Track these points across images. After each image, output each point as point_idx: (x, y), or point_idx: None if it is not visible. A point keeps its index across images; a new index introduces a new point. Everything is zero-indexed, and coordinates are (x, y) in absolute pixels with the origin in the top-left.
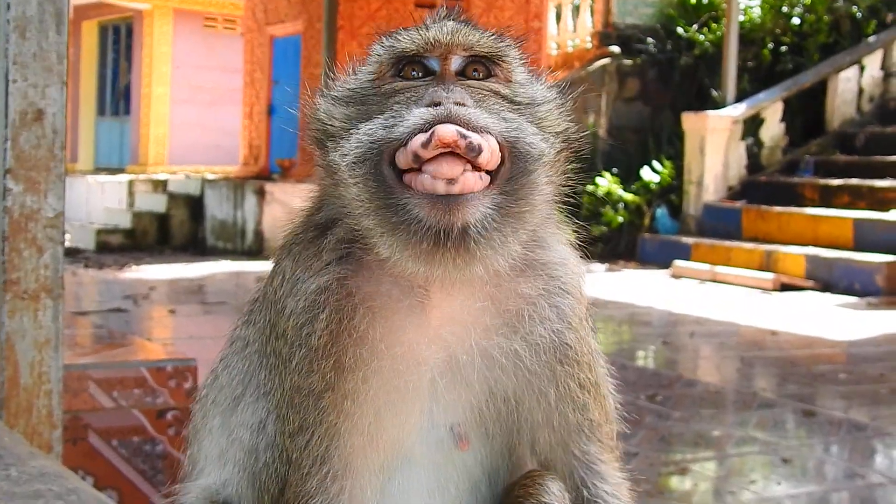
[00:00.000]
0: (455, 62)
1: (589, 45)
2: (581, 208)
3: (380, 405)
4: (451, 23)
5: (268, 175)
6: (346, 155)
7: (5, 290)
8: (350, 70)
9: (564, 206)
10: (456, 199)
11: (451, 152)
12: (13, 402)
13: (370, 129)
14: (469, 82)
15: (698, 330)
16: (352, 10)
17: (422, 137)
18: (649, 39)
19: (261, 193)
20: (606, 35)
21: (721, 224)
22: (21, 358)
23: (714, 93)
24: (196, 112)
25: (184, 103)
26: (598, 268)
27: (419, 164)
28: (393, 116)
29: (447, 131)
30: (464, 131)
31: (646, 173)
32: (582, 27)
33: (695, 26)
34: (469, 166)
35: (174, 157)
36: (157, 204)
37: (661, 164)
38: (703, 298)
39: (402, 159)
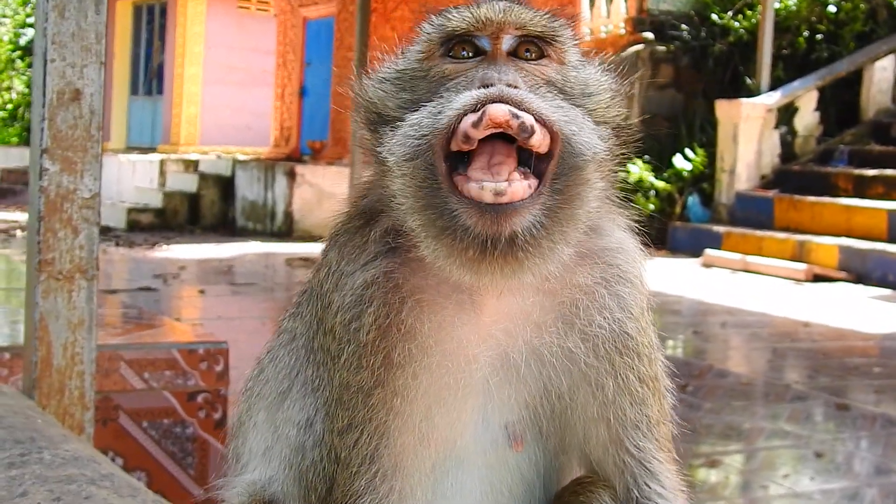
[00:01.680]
0: (507, 42)
1: (622, 31)
2: (648, 199)
3: (430, 403)
4: (503, 1)
5: (298, 157)
6: (393, 149)
7: (40, 270)
8: (398, 50)
9: (622, 192)
10: (504, 207)
11: (500, 141)
12: (45, 383)
13: (417, 119)
14: (521, 63)
15: (729, 320)
16: None
17: (472, 117)
18: (683, 26)
19: (291, 175)
20: (640, 21)
21: (753, 213)
22: (54, 339)
23: (748, 80)
24: (228, 93)
25: (216, 84)
26: None
27: (470, 146)
28: (441, 103)
29: (499, 109)
30: (516, 111)
31: (678, 161)
32: (615, 13)
33: (729, 13)
34: (516, 175)
35: (205, 138)
36: (188, 184)
37: (694, 151)
38: (735, 288)
39: (454, 144)
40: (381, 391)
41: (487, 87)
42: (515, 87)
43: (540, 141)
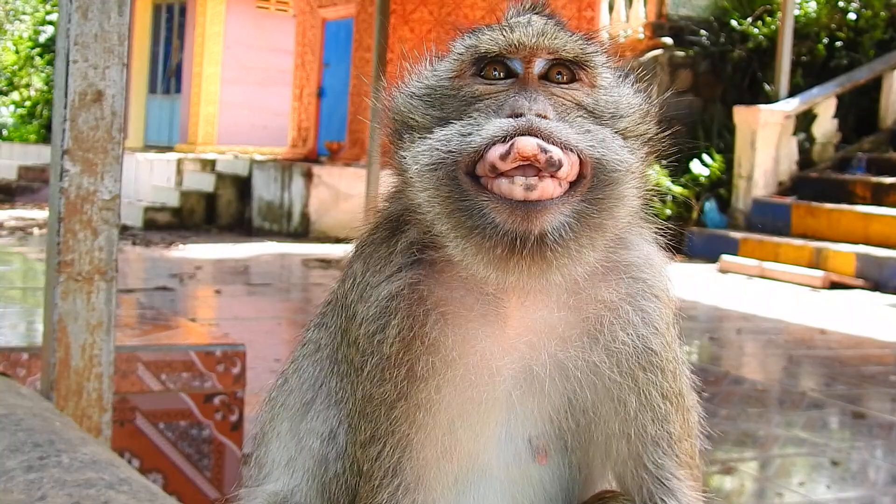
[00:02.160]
0: (538, 65)
1: (641, 36)
2: (664, 204)
3: (454, 416)
4: (536, 22)
5: (316, 157)
6: (418, 158)
7: (59, 271)
8: (427, 64)
9: (649, 205)
10: (534, 205)
11: (529, 165)
12: (63, 385)
13: (446, 136)
14: (552, 88)
15: (745, 326)
16: None
17: (501, 149)
18: (702, 31)
19: (308, 176)
20: (659, 26)
21: (770, 219)
22: (73, 340)
23: (767, 87)
24: (246, 92)
25: (234, 83)
26: None
27: (496, 174)
28: (471, 125)
29: (528, 144)
30: (545, 145)
31: (695, 166)
32: (635, 17)
33: (749, 19)
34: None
35: (223, 137)
36: (205, 183)
37: (711, 157)
38: (751, 294)
39: (480, 169)
40: (405, 404)
41: (518, 115)
42: (545, 116)
43: (567, 172)
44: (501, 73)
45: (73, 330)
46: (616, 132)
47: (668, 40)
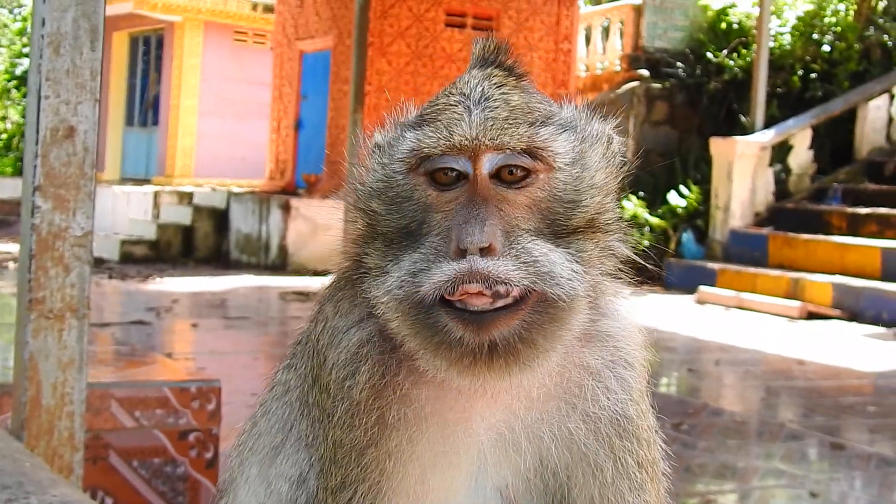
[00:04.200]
0: (487, 163)
1: (618, 68)
2: (642, 235)
3: (426, 467)
4: (484, 111)
5: (293, 190)
6: (381, 297)
7: (30, 309)
8: (380, 145)
9: (627, 272)
10: (485, 317)
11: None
12: (34, 424)
13: (399, 277)
14: (503, 192)
15: (724, 357)
16: (382, 27)
17: (447, 292)
18: (678, 63)
19: (286, 208)
20: (636, 58)
21: (747, 250)
22: (44, 378)
23: (743, 118)
24: (223, 125)
25: (211, 116)
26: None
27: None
28: (421, 262)
29: (471, 289)
30: (488, 286)
31: (672, 197)
32: (611, 49)
33: (724, 51)
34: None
35: (200, 170)
36: (183, 216)
37: (688, 188)
38: (729, 325)
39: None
40: (375, 451)
41: (462, 254)
42: (490, 247)
43: (515, 297)
44: (452, 174)
45: (45, 368)
46: (575, 229)
47: (645, 72)
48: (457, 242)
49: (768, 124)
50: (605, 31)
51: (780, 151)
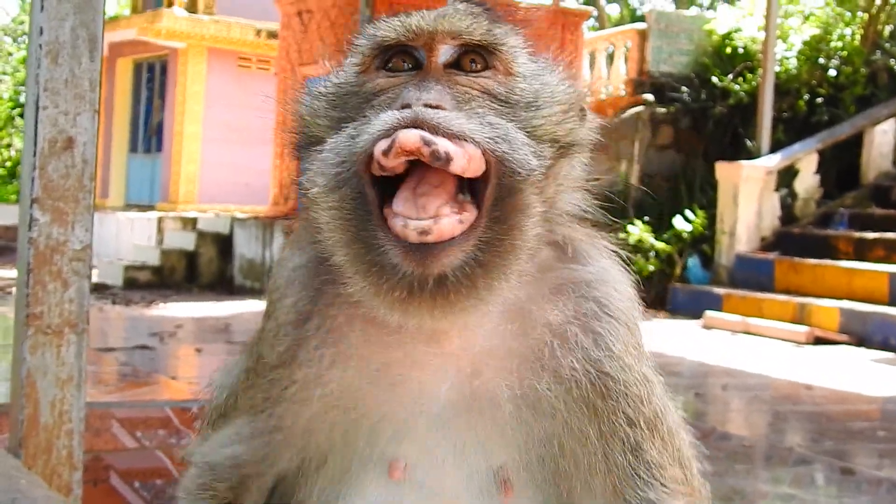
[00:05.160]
0: (444, 53)
1: (622, 93)
2: (647, 261)
3: (345, 400)
4: (442, 10)
5: (297, 215)
6: (316, 178)
7: (28, 324)
8: (337, 62)
9: (600, 208)
10: (430, 247)
11: (431, 169)
12: (32, 442)
13: (334, 145)
14: (458, 77)
15: (731, 382)
16: None
17: (383, 144)
18: (683, 88)
19: (290, 233)
20: (640, 83)
21: (754, 275)
22: (42, 395)
23: (748, 143)
24: (227, 151)
25: (215, 142)
26: None
27: (391, 172)
28: (360, 125)
29: (408, 137)
30: (429, 137)
31: (678, 222)
32: (616, 74)
33: (730, 76)
34: (445, 209)
35: (204, 196)
36: (186, 241)
37: (694, 213)
38: (736, 350)
39: (375, 170)
40: (284, 371)
41: (406, 107)
42: (438, 106)
43: (464, 166)
44: (410, 65)
45: (43, 385)
46: (529, 128)
47: (650, 97)
48: (402, 100)
49: (774, 149)
50: (610, 56)
51: (787, 176)
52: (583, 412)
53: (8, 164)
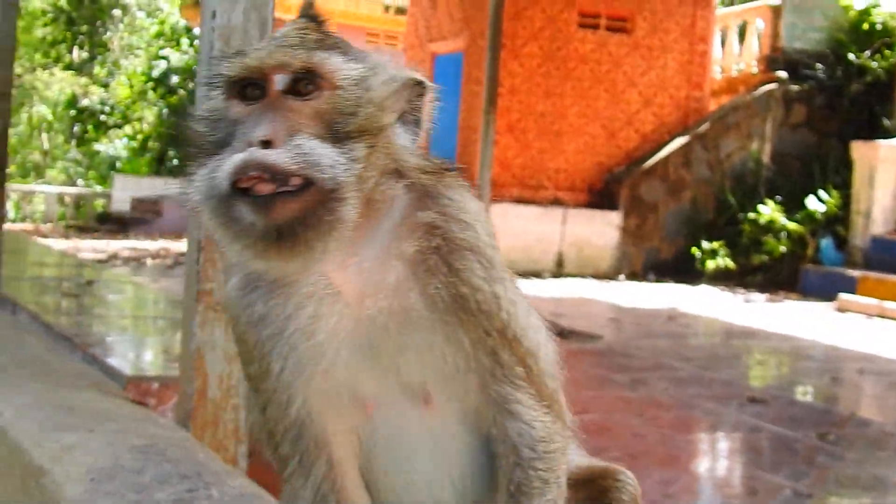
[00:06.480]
0: (279, 82)
1: (755, 70)
2: (741, 236)
3: (302, 371)
4: (274, 42)
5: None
6: (194, 195)
7: (198, 300)
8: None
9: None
10: (268, 200)
11: None
12: (200, 415)
13: (204, 174)
14: (293, 103)
15: (868, 367)
16: (515, 28)
17: (234, 178)
18: (818, 65)
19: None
20: (773, 60)
21: (889, 258)
22: (210, 370)
23: (885, 122)
24: None
25: None
26: (758, 297)
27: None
28: (222, 158)
29: (252, 175)
30: (262, 174)
31: (811, 202)
32: (748, 51)
33: (867, 53)
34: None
35: None
36: None
37: (828, 193)
38: (872, 334)
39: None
40: (266, 373)
41: (249, 146)
42: (270, 140)
43: (296, 185)
44: (259, 92)
45: (211, 359)
46: (350, 130)
47: (783, 74)
48: (246, 138)
49: None
50: (742, 32)
51: None
52: (454, 323)
53: (139, 137)
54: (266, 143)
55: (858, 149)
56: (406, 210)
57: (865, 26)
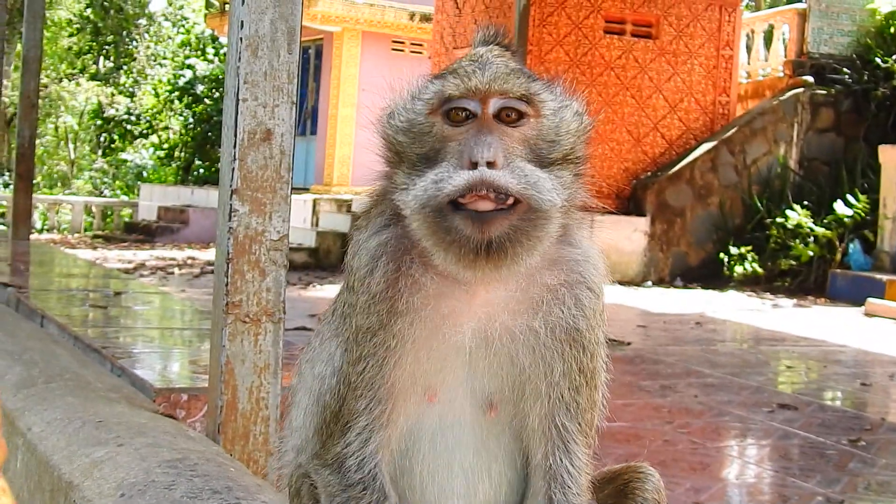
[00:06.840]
0: (493, 105)
1: (781, 74)
2: (769, 240)
3: (420, 349)
4: (491, 66)
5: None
6: (409, 204)
7: (227, 312)
8: (408, 97)
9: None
10: (487, 215)
11: None
12: (230, 428)
13: (424, 186)
14: (504, 127)
15: None
16: (541, 35)
17: (461, 194)
18: (845, 69)
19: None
20: (800, 64)
21: None
22: (240, 382)
23: None
24: None
25: (369, 126)
26: (786, 302)
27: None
28: (442, 173)
29: (481, 193)
30: (492, 191)
31: (839, 207)
32: (774, 56)
33: (894, 57)
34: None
35: (357, 179)
36: (341, 224)
37: (856, 197)
38: None
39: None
40: (384, 333)
41: (474, 165)
42: (494, 162)
43: (510, 203)
44: (463, 115)
45: (241, 372)
46: (553, 161)
47: (810, 78)
48: (469, 157)
49: None
50: (768, 37)
51: None
52: (556, 351)
53: (166, 146)
54: (489, 164)
55: (886, 153)
56: (554, 241)
57: (892, 30)
